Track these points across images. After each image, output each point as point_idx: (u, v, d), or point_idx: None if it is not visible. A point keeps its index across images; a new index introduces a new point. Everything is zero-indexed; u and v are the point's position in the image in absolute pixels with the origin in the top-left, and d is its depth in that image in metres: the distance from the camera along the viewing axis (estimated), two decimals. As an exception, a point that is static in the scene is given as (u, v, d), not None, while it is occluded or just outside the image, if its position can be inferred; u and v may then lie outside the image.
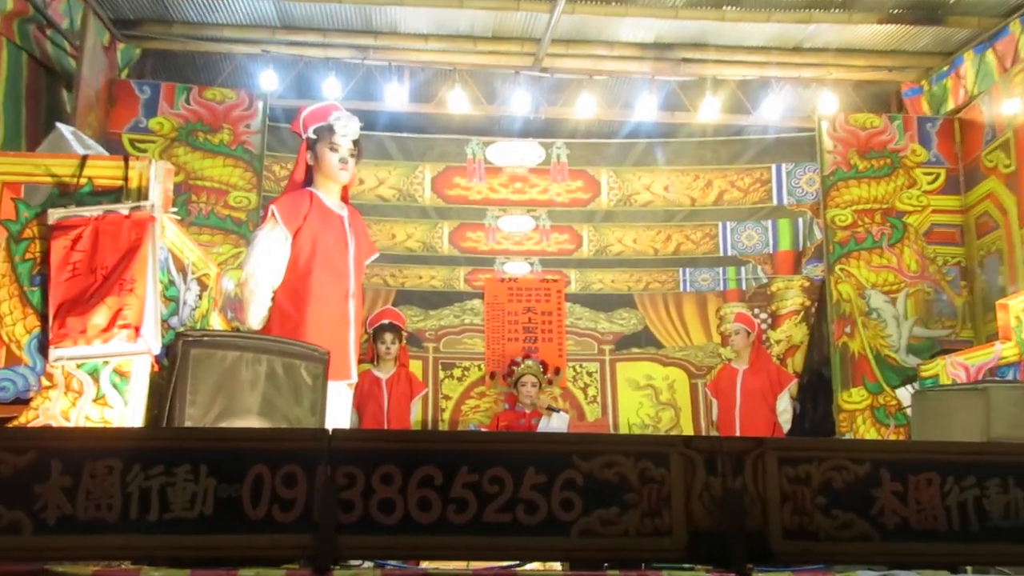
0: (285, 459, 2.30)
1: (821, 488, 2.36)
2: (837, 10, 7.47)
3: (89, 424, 3.30)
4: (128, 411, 3.34)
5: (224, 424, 3.22)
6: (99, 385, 3.38)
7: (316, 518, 2.25)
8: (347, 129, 4.36)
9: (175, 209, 3.92)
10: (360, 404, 6.91)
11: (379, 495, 2.28)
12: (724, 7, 7.45)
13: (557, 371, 7.96)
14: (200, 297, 4.19)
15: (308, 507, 2.26)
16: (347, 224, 4.42)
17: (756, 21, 7.53)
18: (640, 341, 8.32)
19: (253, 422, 3.28)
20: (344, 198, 4.49)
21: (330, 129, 4.34)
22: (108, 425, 3.30)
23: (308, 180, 4.40)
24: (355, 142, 4.40)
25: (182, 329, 3.66)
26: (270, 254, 4.17)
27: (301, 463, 2.29)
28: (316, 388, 3.52)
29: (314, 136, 4.35)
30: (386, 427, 6.74)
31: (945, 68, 8.01)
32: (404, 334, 7.38)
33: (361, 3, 7.43)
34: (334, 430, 2.44)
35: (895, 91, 8.51)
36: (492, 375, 7.95)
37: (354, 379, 4.39)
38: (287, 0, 7.37)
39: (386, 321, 7.21)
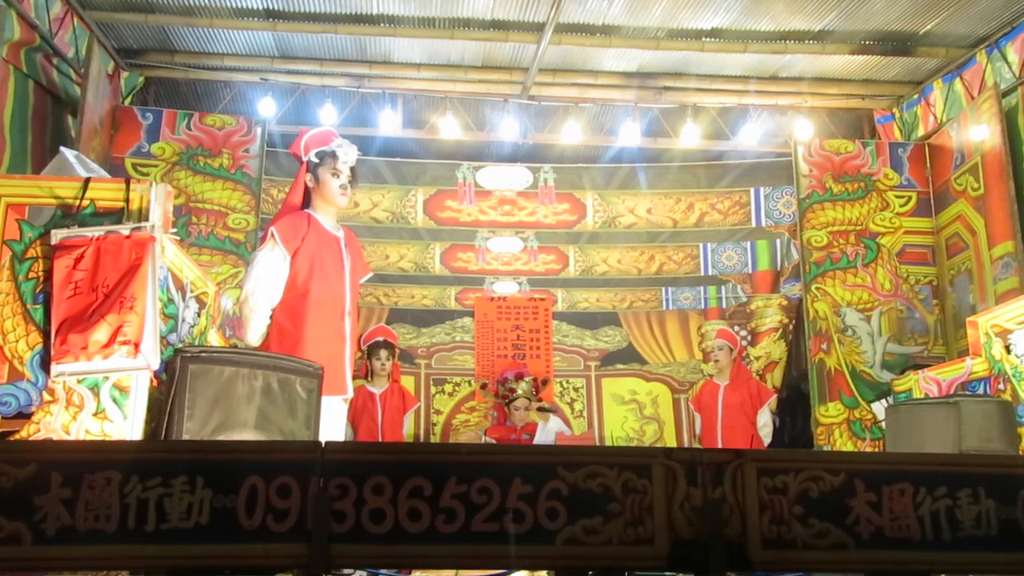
0: (279, 470, 2.28)
1: (798, 498, 2.35)
2: (812, 41, 7.52)
3: (89, 437, 3.28)
4: (127, 425, 3.32)
5: (220, 437, 3.20)
6: (99, 399, 3.36)
7: (309, 528, 2.23)
8: (348, 156, 4.39)
9: (175, 230, 3.91)
10: (355, 418, 6.89)
11: (370, 505, 2.26)
12: (703, 38, 7.49)
13: (545, 382, 7.95)
14: (198, 315, 4.17)
15: (301, 517, 2.24)
16: (343, 245, 4.42)
17: (734, 51, 7.58)
18: (624, 357, 8.32)
19: (249, 435, 3.27)
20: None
21: (333, 155, 4.36)
22: (108, 438, 3.28)
23: (306, 202, 4.40)
24: (352, 169, 4.42)
25: (180, 345, 3.65)
26: (269, 273, 4.17)
27: (295, 474, 2.27)
28: (310, 402, 3.50)
29: (316, 160, 4.36)
30: (380, 440, 6.72)
31: (915, 96, 8.07)
32: (397, 351, 7.37)
33: (356, 34, 7.45)
34: (327, 442, 2.42)
35: (868, 118, 8.57)
36: (484, 386, 7.94)
37: (350, 394, 4.38)
38: (285, 31, 7.39)
39: (380, 338, 7.21)
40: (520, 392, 7.37)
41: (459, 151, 8.80)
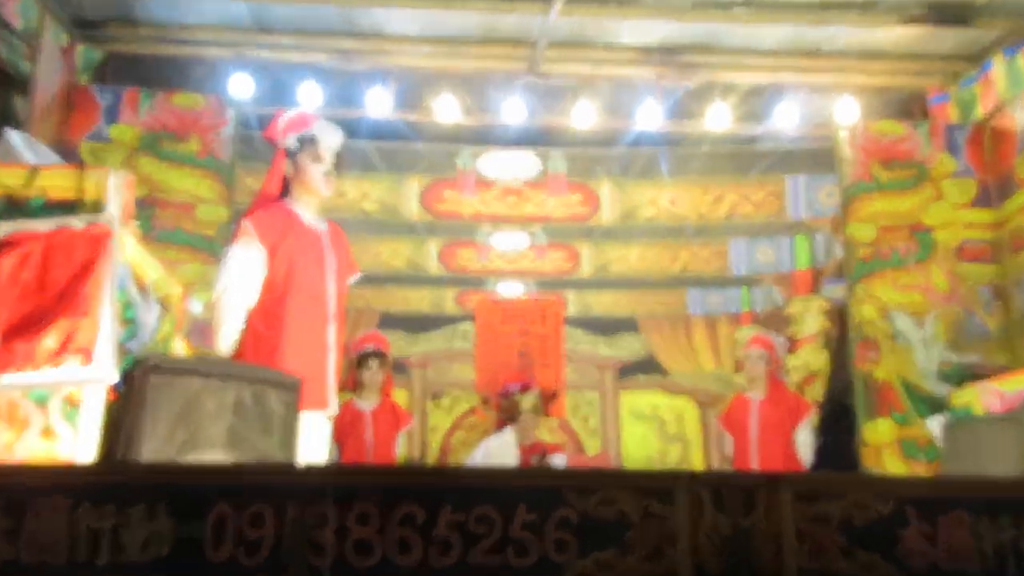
0: (252, 496, 2.28)
1: (841, 527, 2.34)
2: (856, 11, 7.50)
3: (35, 459, 3.27)
4: (79, 444, 3.31)
5: (185, 458, 3.19)
6: (47, 415, 3.35)
7: (285, 561, 2.23)
8: (331, 140, 4.37)
9: (136, 223, 3.91)
10: (341, 437, 6.86)
11: (355, 536, 2.26)
12: (734, 8, 7.47)
13: (554, 395, 7.93)
14: (162, 319, 4.17)
15: (276, 549, 2.24)
16: (327, 241, 4.41)
17: (769, 22, 7.56)
18: (645, 368, 8.32)
19: (218, 456, 3.26)
20: None
21: (314, 139, 4.35)
22: (56, 460, 3.27)
23: (284, 193, 4.39)
24: (336, 154, 4.41)
25: (141, 354, 3.64)
26: (244, 273, 4.15)
27: (269, 500, 2.27)
28: (288, 419, 3.49)
29: (295, 145, 4.35)
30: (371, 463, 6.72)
31: (973, 72, 8.03)
32: (389, 361, 7.35)
33: (343, 4, 7.44)
34: (306, 464, 2.41)
35: (920, 97, 8.53)
36: (485, 401, 7.92)
37: (334, 410, 4.37)
38: (262, 0, 7.38)
39: (371, 346, 7.18)
40: (525, 408, 7.35)
41: (458, 135, 8.79)
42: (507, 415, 7.49)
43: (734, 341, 8.29)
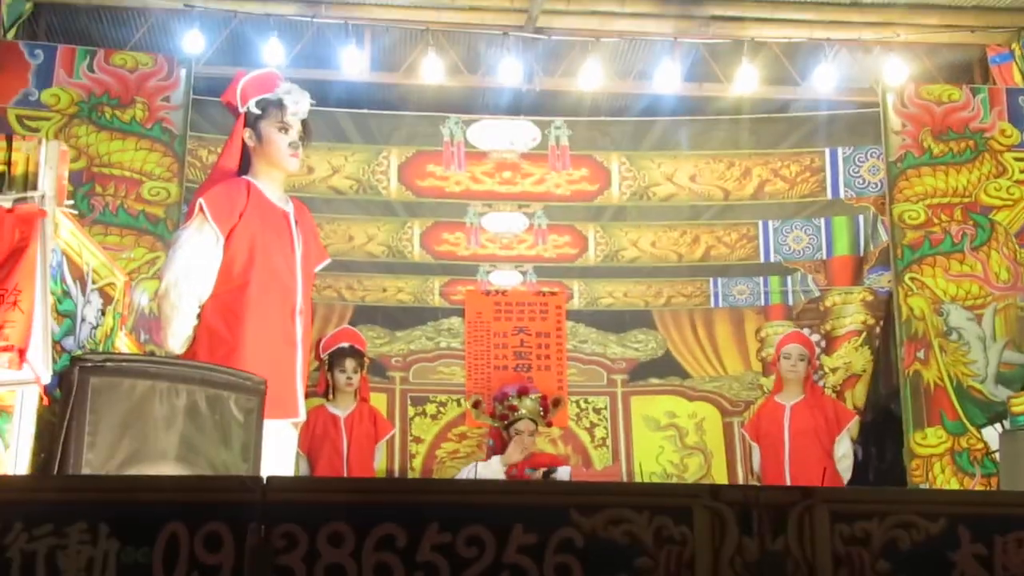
0: (208, 515, 2.29)
1: (884, 551, 2.35)
2: (906, -45, 7.52)
3: (-40, 472, 3.28)
4: (8, 456, 3.32)
5: (131, 472, 3.20)
6: (-27, 423, 3.37)
7: (246, 590, 2.24)
8: (299, 106, 4.38)
9: (72, 202, 3.91)
10: (312, 448, 6.89)
11: (326, 560, 2.27)
12: (765, -49, 7.49)
13: (557, 402, 7.93)
14: (103, 313, 4.18)
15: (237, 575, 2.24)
16: (293, 222, 4.42)
17: (805, -32, 7.57)
18: (660, 369, 8.31)
19: (168, 469, 3.27)
20: None
21: (280, 104, 4.36)
22: (-16, 474, 3.29)
23: (244, 167, 4.40)
24: (304, 123, 4.42)
25: (79, 353, 3.65)
26: (197, 259, 4.16)
27: (228, 520, 2.28)
28: (249, 426, 3.51)
29: (257, 111, 4.36)
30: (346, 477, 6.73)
31: (1042, 28, 8.05)
32: (366, 361, 7.36)
33: (310, -54, 7.46)
34: (269, 478, 2.43)
35: (979, 57, 8.55)
36: (476, 404, 7.91)
37: (302, 416, 4.38)
38: (217, -58, 7.39)
39: (346, 344, 7.19)
40: (523, 411, 7.36)
41: (445, 100, 8.79)
42: (504, 423, 7.50)
43: (762, 339, 8.29)
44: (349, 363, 7.11)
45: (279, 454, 4.11)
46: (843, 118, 8.63)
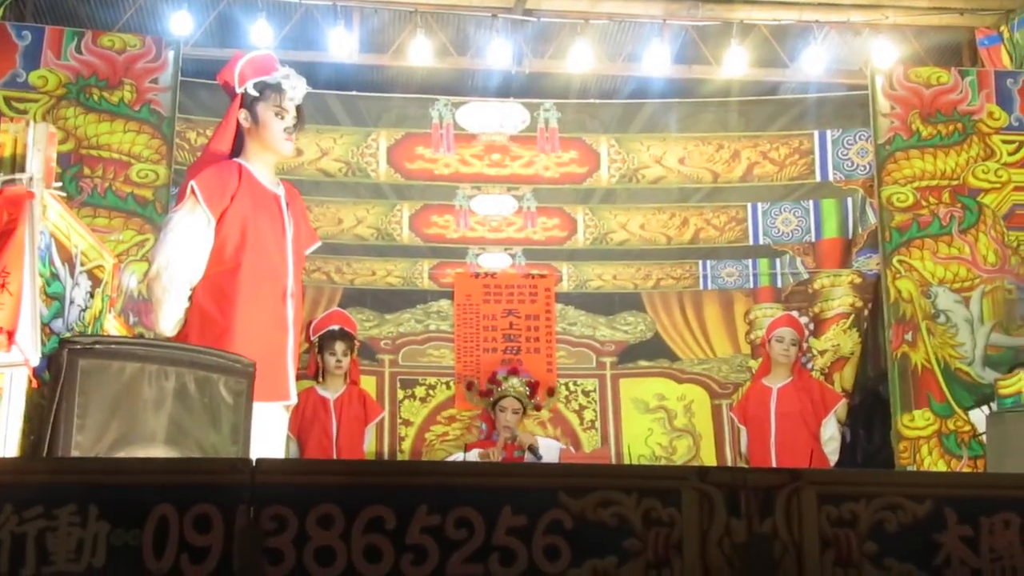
0: (197, 497, 2.29)
1: (871, 532, 2.36)
2: (895, -62, 7.51)
3: (-51, 455, 3.28)
4: (-2, 438, 3.32)
5: (121, 454, 3.20)
6: (-39, 406, 3.36)
7: (236, 571, 2.24)
8: (296, 91, 4.39)
9: (60, 184, 3.89)
10: (302, 431, 6.90)
11: (316, 542, 2.27)
12: (754, -67, 7.47)
13: (551, 392, 7.94)
14: (91, 295, 4.17)
15: (226, 558, 2.25)
16: (284, 205, 4.41)
17: (794, -50, 7.56)
18: (649, 352, 8.32)
19: (157, 451, 3.27)
20: None
21: (278, 88, 4.36)
22: (-27, 456, 3.28)
23: (236, 149, 4.39)
24: (298, 108, 4.42)
25: (68, 335, 3.64)
26: (188, 242, 4.16)
27: (217, 502, 2.29)
28: (238, 408, 3.51)
29: (255, 93, 4.35)
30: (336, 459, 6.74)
31: (1030, 10, 8.05)
32: (356, 343, 7.36)
33: (299, -73, 7.42)
34: (259, 460, 2.43)
35: (968, 40, 8.55)
36: (469, 386, 7.92)
37: (293, 399, 4.39)
38: (205, -77, 7.36)
39: (336, 327, 7.21)
40: (507, 387, 7.36)
41: (434, 82, 8.77)
42: (490, 400, 7.51)
43: (751, 321, 8.30)
44: (339, 346, 7.12)
45: (269, 436, 4.11)
46: (832, 100, 8.63)
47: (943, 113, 7.75)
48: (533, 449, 7.12)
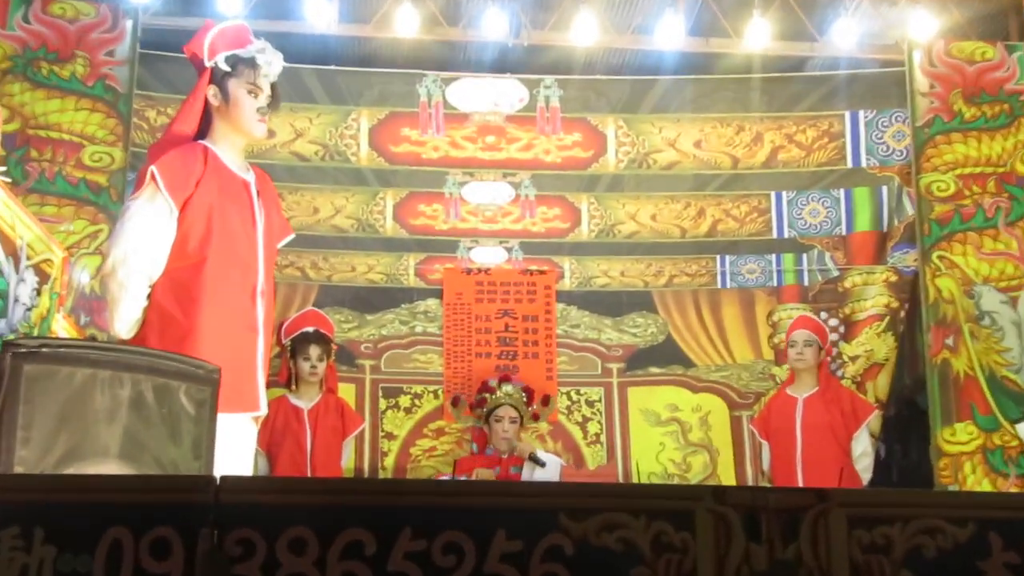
0: (154, 519, 2.28)
1: (907, 559, 2.36)
2: None
3: None
4: (-67, 453, 3.31)
5: (70, 470, 3.20)
6: None
7: (197, 602, 2.24)
8: (272, 68, 4.38)
9: (4, 169, 3.90)
10: (272, 445, 6.90)
11: (286, 569, 2.26)
12: None
13: (547, 400, 7.94)
14: (38, 292, 4.17)
15: (186, 586, 2.25)
16: (254, 193, 4.41)
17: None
18: (661, 357, 8.33)
19: (111, 467, 3.26)
20: None
21: (252, 63, 4.35)
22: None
23: (202, 130, 4.39)
24: (273, 86, 4.43)
25: (12, 337, 3.63)
26: (147, 234, 4.15)
27: (177, 525, 2.28)
28: (201, 420, 3.50)
29: (226, 68, 4.35)
30: (310, 476, 6.74)
31: (1086, -23, 8.06)
32: (333, 347, 7.36)
33: None
34: (223, 478, 2.42)
35: (1016, 9, 8.55)
36: (455, 401, 7.92)
37: (263, 410, 4.39)
38: None
39: (310, 329, 7.20)
40: (501, 395, 7.36)
41: (421, 57, 8.77)
42: (483, 410, 7.51)
43: (774, 323, 8.31)
44: (313, 350, 7.11)
45: (236, 451, 4.11)
46: (865, 78, 8.64)
47: (988, 92, 7.76)
48: (534, 457, 7.12)
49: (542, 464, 7.15)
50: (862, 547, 2.36)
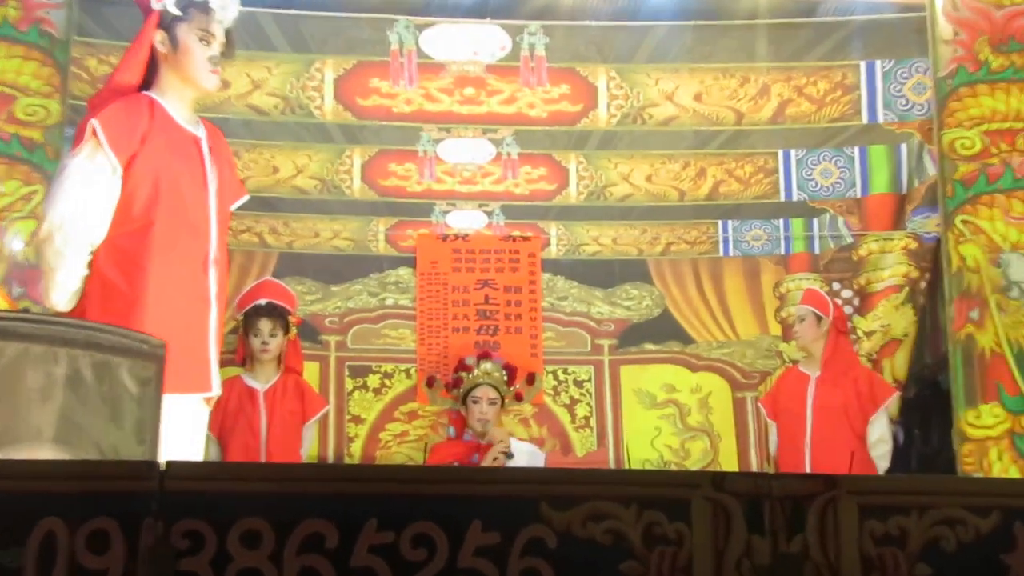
0: (93, 509, 2.29)
1: (924, 552, 2.37)
2: None
3: None
4: None
5: None
6: None
7: (140, 601, 2.24)
8: (226, 13, 4.42)
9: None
10: (224, 429, 6.90)
11: (239, 564, 2.28)
12: None
13: (531, 379, 7.95)
14: (-35, 260, 4.16)
15: (128, 584, 2.25)
16: (206, 150, 4.41)
17: None
18: (657, 333, 8.35)
19: (44, 452, 3.26)
20: None
21: (204, 7, 4.37)
22: None
23: (147, 80, 4.38)
24: (227, 33, 4.44)
25: (-65, 309, 3.64)
26: (88, 195, 4.18)
27: (117, 515, 2.29)
28: (145, 400, 3.49)
29: (176, 11, 4.36)
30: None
31: None
32: (293, 321, 7.35)
33: None
34: (169, 464, 2.42)
35: (1049, -51, 8.56)
36: (430, 381, 7.93)
37: (215, 391, 4.40)
38: None
39: (263, 301, 7.18)
40: (478, 373, 7.36)
41: (391, 0, 8.74)
42: (460, 391, 7.51)
43: (782, 295, 8.33)
44: (264, 324, 7.06)
45: (184, 436, 4.13)
46: (883, 24, 8.63)
47: (1018, 40, 7.77)
48: (505, 452, 7.08)
49: (510, 456, 7.09)
50: (875, 539, 2.37)
